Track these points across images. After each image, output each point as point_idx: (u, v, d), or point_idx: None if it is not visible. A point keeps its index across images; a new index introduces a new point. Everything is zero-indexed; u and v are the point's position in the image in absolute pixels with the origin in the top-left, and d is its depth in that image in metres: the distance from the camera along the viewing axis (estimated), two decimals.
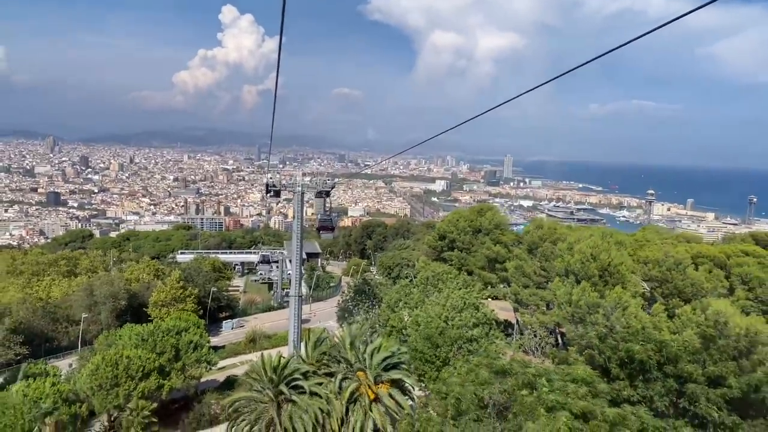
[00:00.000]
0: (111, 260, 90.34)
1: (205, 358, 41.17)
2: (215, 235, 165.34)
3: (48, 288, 70.10)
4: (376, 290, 61.10)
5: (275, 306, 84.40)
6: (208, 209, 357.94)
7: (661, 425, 17.62)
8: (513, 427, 16.75)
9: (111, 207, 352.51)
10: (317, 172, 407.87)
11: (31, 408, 29.74)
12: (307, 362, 34.05)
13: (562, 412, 15.69)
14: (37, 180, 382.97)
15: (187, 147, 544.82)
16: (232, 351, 58.84)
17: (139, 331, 40.27)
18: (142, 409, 32.50)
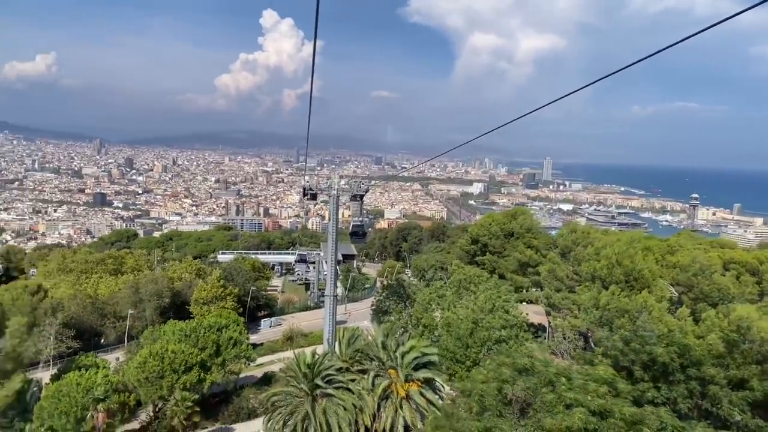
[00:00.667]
0: (155, 259, 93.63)
1: (244, 355, 42.90)
2: (255, 235, 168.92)
3: (96, 285, 73.23)
4: (410, 291, 62.14)
5: (311, 306, 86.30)
6: (248, 210, 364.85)
7: (681, 426, 18.21)
8: (533, 423, 17.61)
9: (154, 208, 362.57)
10: (354, 174, 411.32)
11: (84, 396, 31.89)
12: (341, 359, 35.38)
13: (579, 408, 16.48)
14: (84, 181, 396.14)
15: (228, 149, 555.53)
16: (269, 348, 60.73)
17: (182, 327, 42.27)
18: (184, 401, 34.33)
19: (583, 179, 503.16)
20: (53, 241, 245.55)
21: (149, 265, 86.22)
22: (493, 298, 40.21)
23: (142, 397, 35.48)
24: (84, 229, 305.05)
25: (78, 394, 31.97)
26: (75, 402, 31.72)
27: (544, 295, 48.60)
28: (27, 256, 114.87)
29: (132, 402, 34.99)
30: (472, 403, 19.12)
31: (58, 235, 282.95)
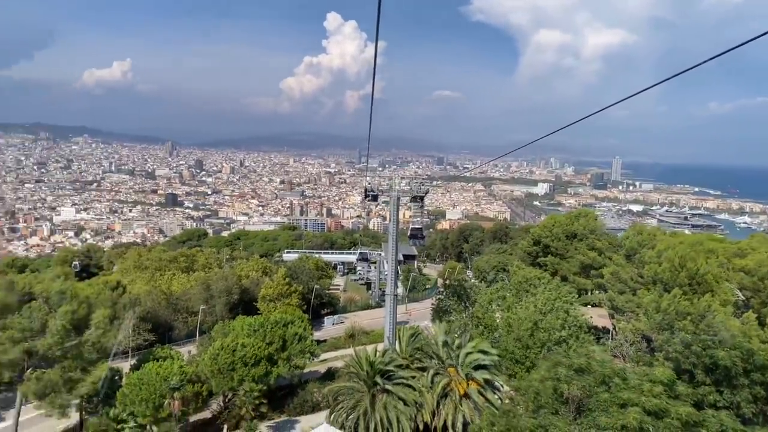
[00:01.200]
0: (224, 258, 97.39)
1: (309, 350, 44.49)
2: (318, 235, 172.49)
3: (169, 282, 77.01)
4: (470, 292, 62.39)
5: (373, 305, 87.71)
6: (312, 211, 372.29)
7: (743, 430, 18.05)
8: (589, 421, 17.90)
9: (223, 208, 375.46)
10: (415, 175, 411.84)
11: (161, 384, 34.17)
12: (401, 357, 36.28)
13: (634, 408, 16.68)
14: (157, 182, 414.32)
15: (293, 151, 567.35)
16: (332, 345, 62.40)
17: (251, 322, 44.29)
18: (253, 392, 36.14)
19: (654, 179, 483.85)
20: (128, 239, 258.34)
21: (219, 264, 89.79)
22: (552, 299, 40.12)
23: (214, 387, 37.58)
24: (157, 228, 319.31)
25: (156, 383, 34.29)
26: (153, 390, 34.06)
27: (607, 298, 47.88)
28: (105, 253, 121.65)
29: (205, 392, 37.13)
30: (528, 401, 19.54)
31: (133, 234, 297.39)
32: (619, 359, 35.67)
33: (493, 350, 35.15)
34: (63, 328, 33.86)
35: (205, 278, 69.74)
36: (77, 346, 35.09)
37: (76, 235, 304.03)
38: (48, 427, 42.66)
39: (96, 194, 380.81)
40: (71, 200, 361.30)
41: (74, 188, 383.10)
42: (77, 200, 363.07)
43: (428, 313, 69.80)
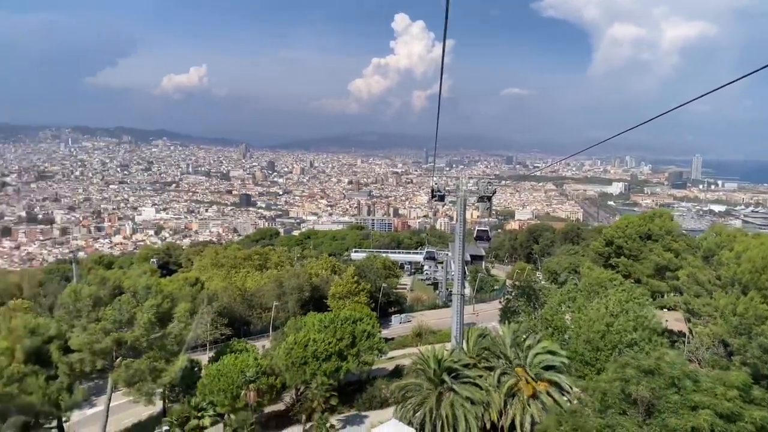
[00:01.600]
0: (295, 256, 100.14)
1: (377, 347, 45.40)
2: (385, 235, 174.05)
3: (244, 279, 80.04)
4: (540, 293, 61.67)
5: (440, 305, 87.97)
6: (379, 211, 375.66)
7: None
8: (658, 423, 17.74)
9: (293, 208, 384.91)
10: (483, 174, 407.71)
11: (238, 376, 36.02)
12: (468, 356, 36.56)
13: (706, 410, 16.43)
14: (231, 183, 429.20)
15: (360, 151, 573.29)
16: (400, 343, 63.21)
17: (321, 318, 45.68)
18: (324, 386, 37.44)
19: (739, 178, 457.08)
20: (205, 238, 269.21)
21: (290, 262, 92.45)
22: (624, 301, 39.28)
23: (288, 380, 39.17)
24: (231, 227, 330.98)
25: (233, 374, 36.18)
26: (231, 381, 35.94)
27: (682, 301, 46.24)
28: (184, 251, 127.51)
29: (278, 384, 38.78)
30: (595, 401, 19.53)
31: (209, 233, 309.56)
32: (694, 363, 34.56)
33: (562, 351, 34.85)
34: (149, 320, 36.24)
35: (277, 276, 72.22)
36: (161, 338, 37.44)
37: (156, 233, 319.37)
38: (135, 413, 45.67)
39: (174, 195, 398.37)
40: (152, 200, 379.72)
41: (154, 189, 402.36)
42: (157, 200, 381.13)
43: (496, 314, 69.44)
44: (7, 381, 27.80)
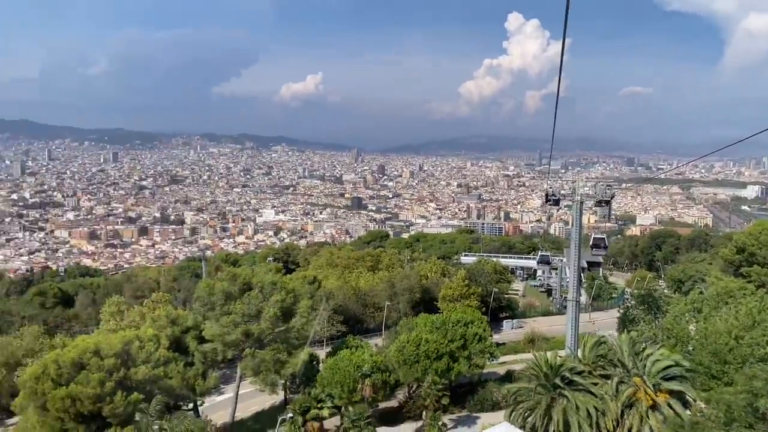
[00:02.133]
0: (405, 259, 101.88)
1: (488, 350, 45.55)
2: (495, 239, 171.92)
3: (357, 279, 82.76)
4: (661, 302, 58.64)
5: (554, 311, 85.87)
6: (489, 214, 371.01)
7: None
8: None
9: (403, 211, 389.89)
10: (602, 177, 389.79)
11: (354, 370, 37.80)
12: (583, 363, 35.80)
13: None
14: (344, 186, 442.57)
15: (470, 154, 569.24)
16: (511, 348, 62.64)
17: (433, 320, 46.60)
18: (436, 384, 38.33)
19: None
20: (319, 239, 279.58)
21: (401, 264, 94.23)
22: (755, 313, 36.62)
23: (401, 377, 40.47)
24: (344, 229, 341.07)
25: (349, 369, 38.01)
26: (347, 375, 37.79)
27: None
28: (301, 252, 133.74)
29: (392, 381, 40.18)
30: (719, 414, 18.79)
31: (323, 234, 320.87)
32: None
33: (685, 362, 33.23)
34: (274, 314, 38.95)
35: (389, 277, 74.16)
36: (285, 332, 40.11)
37: (275, 234, 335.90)
38: (259, 401, 49.06)
39: (292, 198, 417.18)
40: (271, 203, 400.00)
41: (274, 192, 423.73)
42: (276, 203, 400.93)
43: (613, 323, 66.85)
44: (155, 365, 31.18)
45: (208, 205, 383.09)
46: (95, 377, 27.67)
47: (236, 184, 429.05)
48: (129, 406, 28.26)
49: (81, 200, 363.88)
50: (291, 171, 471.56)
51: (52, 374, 27.87)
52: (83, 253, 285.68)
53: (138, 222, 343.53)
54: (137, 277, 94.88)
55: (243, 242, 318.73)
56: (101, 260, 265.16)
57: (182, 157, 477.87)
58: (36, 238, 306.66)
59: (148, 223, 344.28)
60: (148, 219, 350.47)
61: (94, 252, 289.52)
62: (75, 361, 28.27)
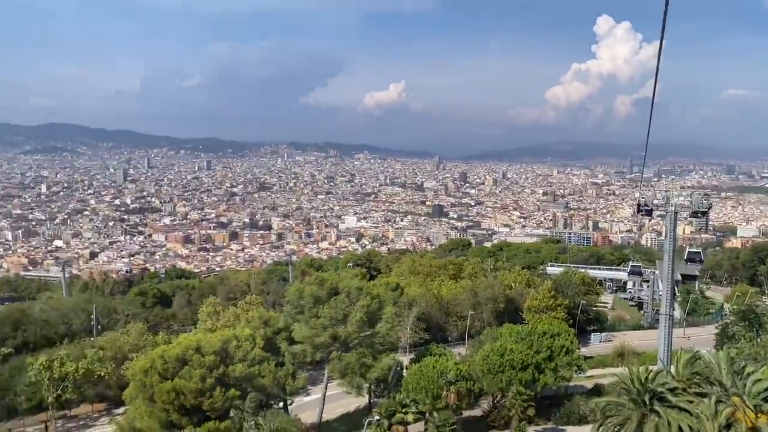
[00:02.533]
0: (489, 268, 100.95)
1: (576, 363, 44.69)
2: (583, 249, 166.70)
3: (439, 287, 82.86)
4: (764, 318, 55.11)
5: (645, 326, 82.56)
6: (576, 224, 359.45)
7: None
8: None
9: (485, 219, 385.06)
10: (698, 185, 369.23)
11: (438, 377, 38.20)
12: (676, 380, 34.40)
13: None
14: (425, 194, 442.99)
15: (556, 161, 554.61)
16: (599, 362, 60.77)
17: (518, 330, 46.31)
18: (521, 395, 38.03)
19: None
20: (400, 246, 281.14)
21: (483, 273, 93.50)
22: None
23: (485, 386, 40.45)
24: (424, 237, 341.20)
25: (434, 375, 38.45)
26: (432, 381, 38.28)
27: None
28: (383, 258, 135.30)
29: (476, 390, 40.23)
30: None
31: (404, 242, 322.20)
32: None
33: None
34: (360, 319, 40.05)
35: (473, 286, 73.86)
36: (370, 336, 41.15)
37: (357, 240, 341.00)
38: (344, 404, 50.37)
39: (373, 205, 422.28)
40: (353, 210, 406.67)
41: (356, 199, 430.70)
42: (358, 210, 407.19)
43: (710, 340, 63.52)
44: (250, 363, 32.94)
45: (294, 212, 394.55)
46: (197, 373, 29.67)
47: (320, 191, 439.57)
48: (227, 401, 30.06)
49: (177, 206, 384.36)
50: (373, 178, 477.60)
51: (159, 368, 30.14)
52: (178, 256, 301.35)
53: (229, 227, 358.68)
54: (229, 280, 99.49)
55: (326, 248, 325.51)
56: (194, 263, 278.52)
57: (270, 165, 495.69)
58: (136, 242, 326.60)
59: (238, 228, 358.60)
60: (238, 224, 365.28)
61: (188, 255, 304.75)
62: (179, 357, 30.43)
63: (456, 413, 39.52)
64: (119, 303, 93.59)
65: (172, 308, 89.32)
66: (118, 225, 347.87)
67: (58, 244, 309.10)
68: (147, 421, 29.76)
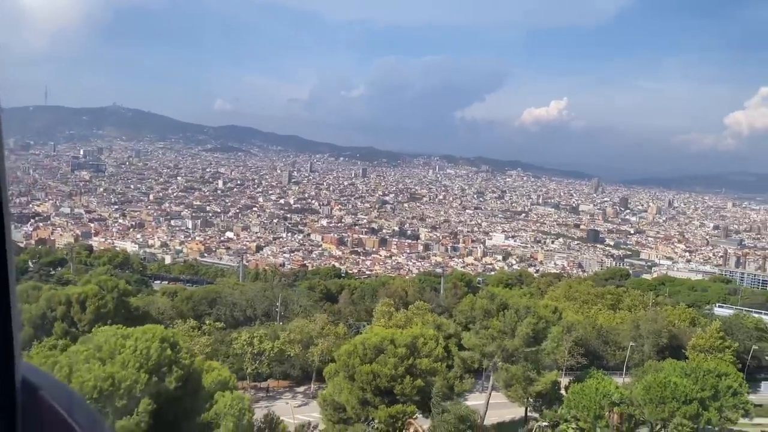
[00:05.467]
0: (650, 301, 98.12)
1: (743, 406, 44.20)
2: (758, 293, 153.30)
3: (596, 315, 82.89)
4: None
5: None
6: (751, 263, 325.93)
7: None
8: None
9: (645, 249, 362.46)
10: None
11: (601, 398, 40.43)
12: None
13: None
14: (580, 217, 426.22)
15: (732, 193, 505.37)
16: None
17: (683, 366, 46.73)
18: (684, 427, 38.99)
19: None
20: (549, 269, 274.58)
21: (643, 306, 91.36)
22: None
23: (647, 414, 41.80)
24: (576, 262, 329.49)
25: (596, 396, 40.72)
26: (594, 401, 40.59)
27: None
28: (535, 280, 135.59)
29: (638, 416, 41.76)
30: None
31: (554, 265, 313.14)
32: None
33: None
34: (527, 334, 43.46)
35: (635, 318, 73.40)
36: (535, 353, 44.38)
37: (504, 259, 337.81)
38: (499, 414, 53.77)
39: (523, 224, 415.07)
40: (501, 227, 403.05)
41: (505, 217, 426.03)
42: (507, 228, 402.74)
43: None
44: (434, 359, 37.87)
45: (442, 224, 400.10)
46: (391, 361, 35.14)
47: (469, 206, 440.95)
48: (414, 389, 35.20)
49: (333, 209, 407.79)
50: (524, 197, 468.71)
51: (360, 353, 36.04)
52: (332, 256, 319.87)
53: (379, 233, 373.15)
54: (389, 285, 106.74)
55: (471, 263, 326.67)
56: (347, 264, 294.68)
57: (422, 176, 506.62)
58: (296, 239, 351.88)
59: (388, 235, 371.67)
60: (387, 231, 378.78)
61: (341, 256, 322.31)
62: (377, 345, 36.14)
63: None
64: (291, 294, 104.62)
65: (338, 304, 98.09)
66: (282, 222, 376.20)
67: (230, 235, 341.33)
68: (347, 396, 35.75)
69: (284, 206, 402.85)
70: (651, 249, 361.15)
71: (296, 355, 58.35)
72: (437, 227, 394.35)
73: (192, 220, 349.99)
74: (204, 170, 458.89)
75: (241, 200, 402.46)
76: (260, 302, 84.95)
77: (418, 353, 37.01)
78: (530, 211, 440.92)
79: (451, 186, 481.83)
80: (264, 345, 56.57)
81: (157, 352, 20.06)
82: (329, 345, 55.99)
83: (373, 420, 35.30)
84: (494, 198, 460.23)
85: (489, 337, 44.24)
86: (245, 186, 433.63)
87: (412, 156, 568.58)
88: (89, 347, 21.11)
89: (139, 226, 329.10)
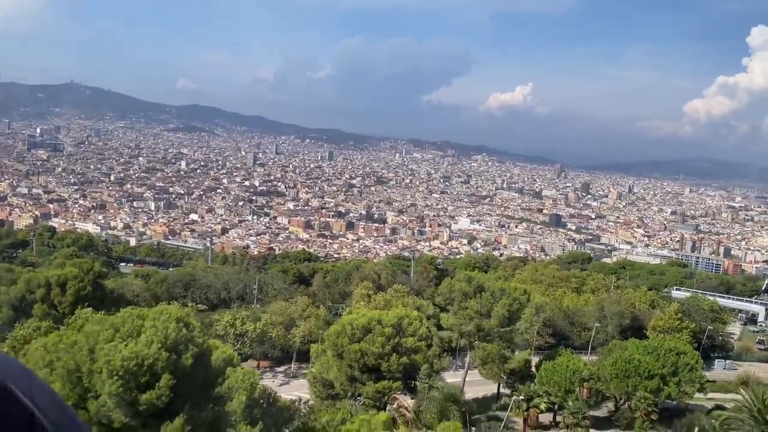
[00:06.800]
0: (612, 284, 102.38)
1: (699, 381, 47.74)
2: (711, 276, 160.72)
3: (560, 298, 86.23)
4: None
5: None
6: (705, 248, 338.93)
7: None
8: None
9: (605, 234, 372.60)
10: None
11: (571, 374, 43.32)
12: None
13: None
14: (543, 202, 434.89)
15: (689, 180, 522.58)
16: (721, 387, 61.94)
17: (645, 344, 50.04)
18: (645, 399, 42.21)
19: None
20: (512, 253, 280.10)
21: (606, 289, 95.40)
22: None
23: (612, 389, 45.06)
24: (539, 246, 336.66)
25: (567, 373, 43.60)
26: (564, 377, 43.50)
27: None
28: (501, 264, 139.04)
29: (604, 390, 44.89)
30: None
31: (517, 249, 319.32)
32: None
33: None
34: (502, 315, 45.94)
35: (599, 300, 77.07)
36: (509, 332, 46.96)
37: (469, 243, 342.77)
38: (473, 390, 56.28)
39: (488, 208, 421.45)
40: (467, 212, 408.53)
41: (470, 201, 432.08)
42: (472, 212, 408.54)
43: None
44: (419, 338, 39.92)
45: (408, 208, 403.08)
46: (378, 340, 37.06)
47: (435, 190, 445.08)
48: (399, 366, 37.25)
49: (300, 192, 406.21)
50: (489, 181, 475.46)
51: (348, 333, 37.85)
52: (299, 239, 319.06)
53: (346, 217, 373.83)
54: (362, 268, 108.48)
55: (437, 247, 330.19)
56: (314, 247, 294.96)
57: (388, 160, 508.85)
58: (262, 222, 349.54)
59: (355, 219, 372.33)
60: (354, 215, 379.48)
61: (308, 240, 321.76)
62: (364, 325, 38.00)
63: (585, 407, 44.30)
64: (265, 277, 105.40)
65: (312, 287, 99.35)
66: (247, 205, 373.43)
67: (194, 217, 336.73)
68: (335, 373, 37.61)
69: (249, 188, 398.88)
70: (611, 233, 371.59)
71: (277, 336, 59.78)
72: (404, 211, 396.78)
73: (155, 202, 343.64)
74: (166, 150, 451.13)
75: (205, 182, 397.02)
76: (235, 285, 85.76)
77: (403, 332, 38.97)
78: (495, 195, 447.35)
79: (417, 170, 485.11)
80: (246, 326, 57.88)
81: (174, 331, 21.49)
82: (311, 326, 57.69)
83: (360, 396, 37.28)
84: (460, 182, 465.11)
85: (467, 317, 46.56)
86: (209, 167, 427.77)
87: (378, 139, 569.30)
88: (106, 327, 22.41)
89: (100, 208, 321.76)
